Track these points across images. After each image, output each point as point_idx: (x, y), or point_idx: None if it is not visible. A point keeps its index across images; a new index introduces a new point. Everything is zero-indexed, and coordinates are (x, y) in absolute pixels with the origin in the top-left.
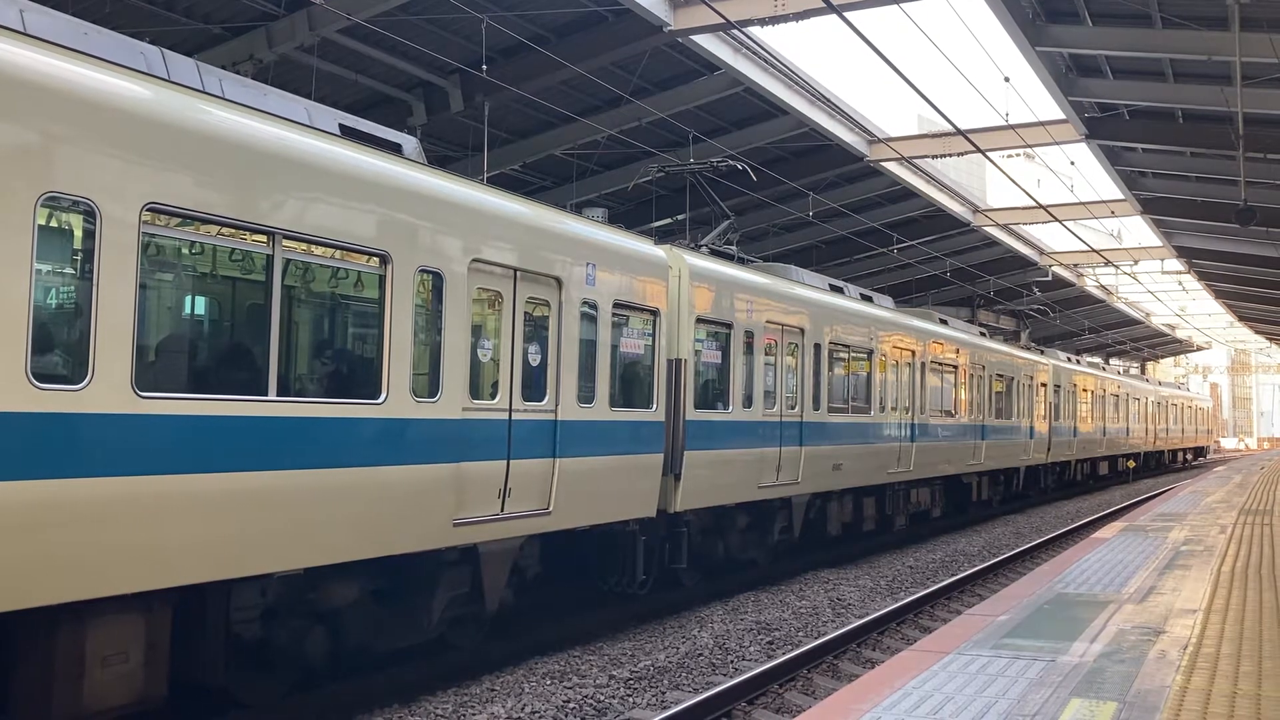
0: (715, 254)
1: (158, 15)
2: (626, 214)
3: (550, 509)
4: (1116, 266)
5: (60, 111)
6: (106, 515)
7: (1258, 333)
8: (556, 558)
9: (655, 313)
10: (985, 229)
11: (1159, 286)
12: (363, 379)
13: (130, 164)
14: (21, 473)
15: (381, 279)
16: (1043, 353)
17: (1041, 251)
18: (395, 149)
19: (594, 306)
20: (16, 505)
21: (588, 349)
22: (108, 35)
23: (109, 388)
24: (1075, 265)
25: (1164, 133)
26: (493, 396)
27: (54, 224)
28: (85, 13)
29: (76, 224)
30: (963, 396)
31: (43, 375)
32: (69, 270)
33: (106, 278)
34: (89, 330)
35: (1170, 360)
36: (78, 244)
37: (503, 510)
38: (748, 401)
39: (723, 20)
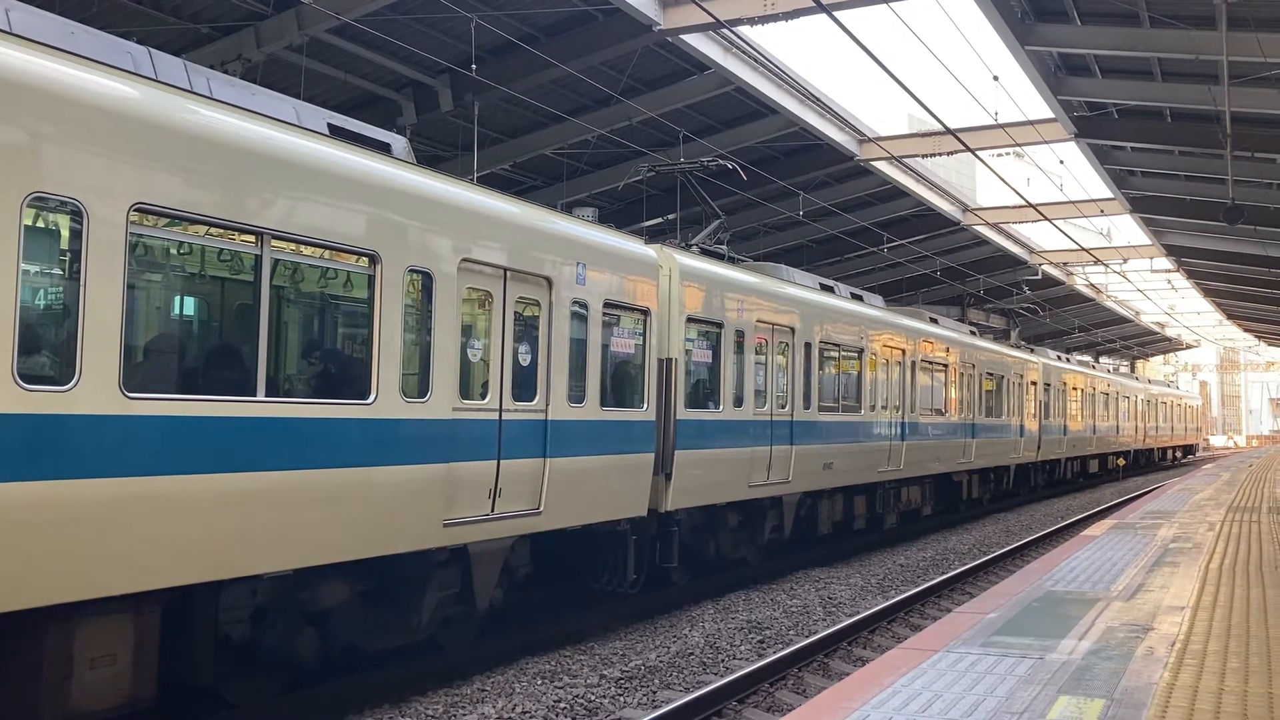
0: (706, 253)
1: (145, 14)
2: (617, 213)
3: (541, 509)
4: (1106, 265)
5: (47, 111)
6: (94, 517)
7: (1246, 331)
8: (547, 557)
9: (646, 312)
10: (975, 228)
11: (1148, 285)
12: (352, 379)
13: (117, 164)
14: (9, 474)
15: (371, 279)
16: (1033, 351)
17: (1031, 250)
18: (384, 148)
19: (584, 306)
20: (4, 507)
21: (578, 348)
22: (95, 34)
23: (96, 389)
24: (1065, 264)
25: (1152, 131)
26: (483, 396)
27: (41, 224)
28: (72, 12)
29: (63, 224)
30: (953, 395)
31: (30, 376)
32: (56, 271)
33: (94, 278)
34: (76, 331)
35: (1160, 358)
36: (65, 244)
37: (493, 510)
38: (738, 401)
39: (712, 19)
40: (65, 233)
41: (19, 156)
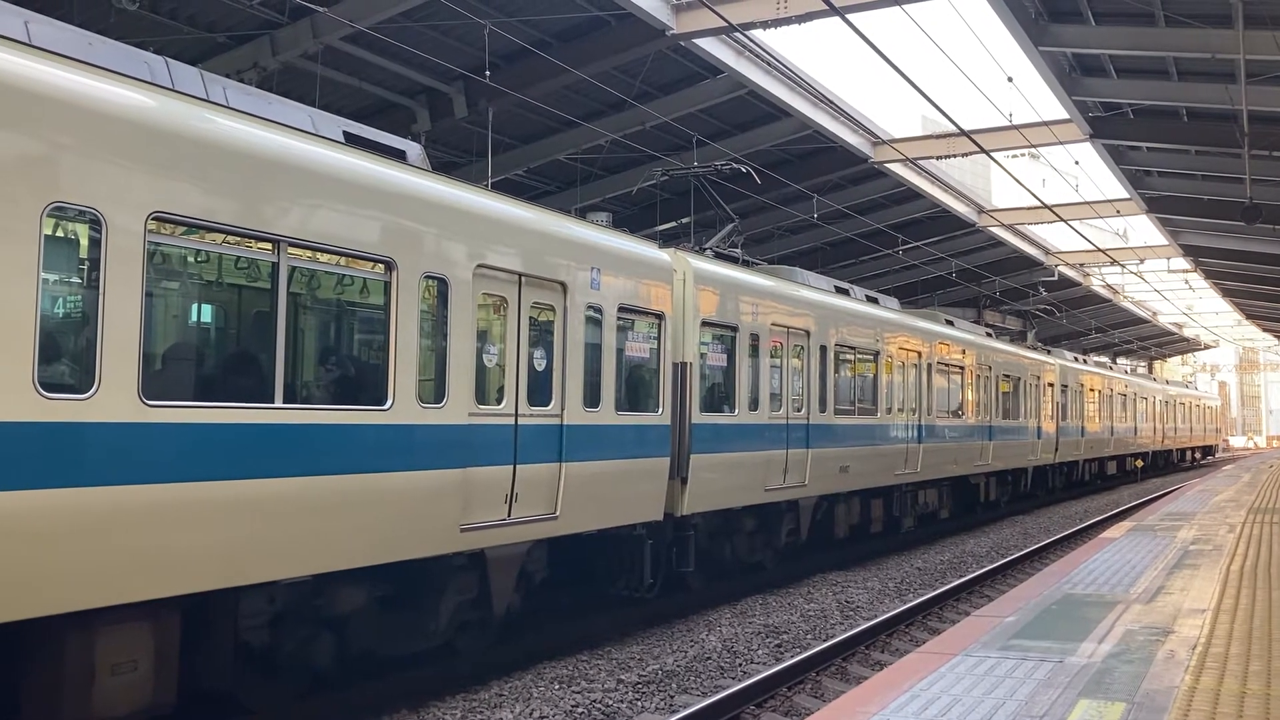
0: (720, 257)
1: (162, 25)
2: (631, 218)
3: (557, 513)
4: (1122, 266)
5: (66, 121)
6: (115, 524)
7: (1265, 330)
8: (564, 562)
9: (660, 316)
10: (990, 229)
11: (1165, 285)
12: (369, 385)
13: (135, 173)
14: (30, 482)
15: (387, 285)
16: (1049, 353)
17: (1047, 251)
18: (399, 155)
19: (599, 311)
20: (25, 514)
21: (593, 353)
22: (112, 45)
23: (116, 396)
24: (1081, 265)
25: (1169, 131)
26: (499, 401)
27: (60, 234)
28: (90, 23)
29: (82, 233)
30: (970, 397)
31: (50, 385)
32: (75, 280)
33: (113, 287)
34: (96, 339)
35: (1178, 359)
36: (84, 253)
37: (510, 515)
38: (754, 404)
39: (725, 23)
40: (84, 242)
41: (39, 167)
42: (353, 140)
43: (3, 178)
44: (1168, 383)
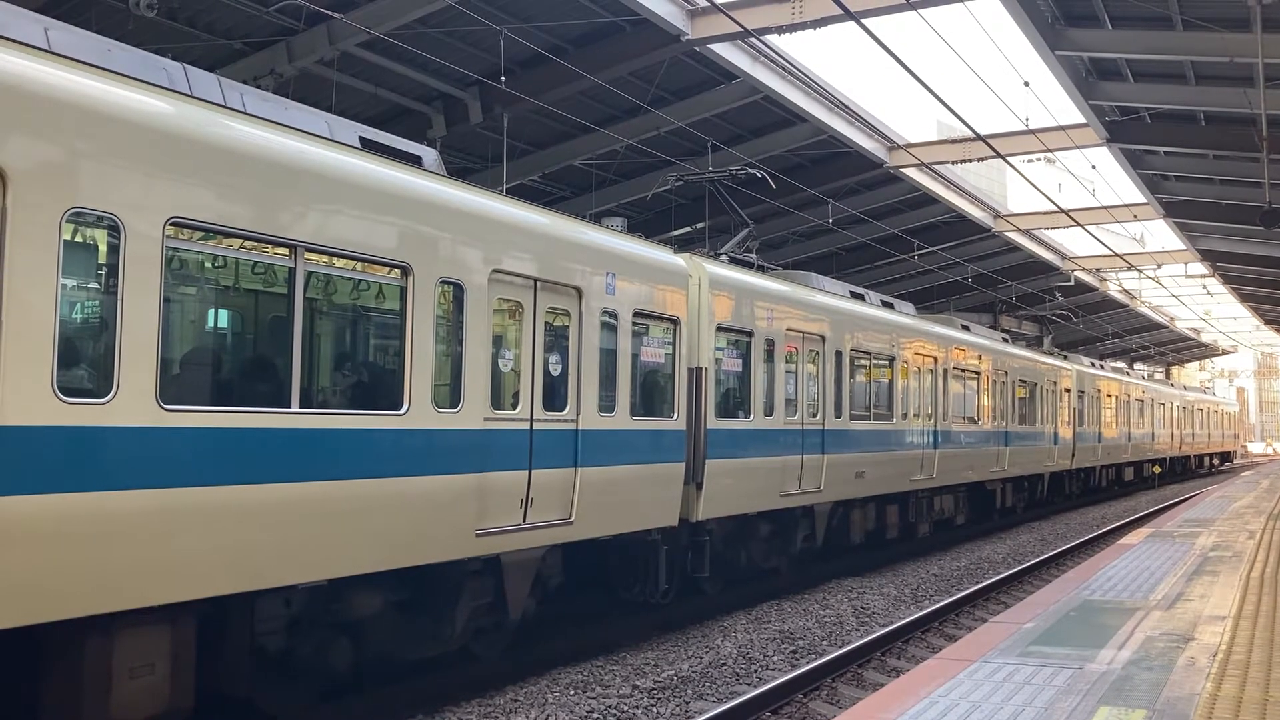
0: (735, 262)
1: (179, 31)
2: (646, 223)
3: (572, 519)
4: (1139, 271)
5: (84, 127)
6: (132, 528)
7: None
8: (579, 567)
9: (675, 321)
10: (1006, 234)
11: (1183, 290)
12: (385, 390)
13: (153, 179)
14: (48, 486)
15: (403, 290)
16: (1066, 358)
17: (1063, 256)
18: (415, 161)
19: (614, 316)
20: (43, 518)
21: (608, 358)
22: (130, 52)
23: (134, 401)
24: (1098, 270)
25: (1186, 135)
26: (514, 406)
27: (79, 239)
28: (108, 30)
29: (101, 239)
30: (986, 403)
31: (69, 389)
32: (94, 285)
33: (131, 292)
34: (114, 344)
35: (1195, 364)
36: (102, 259)
37: (525, 520)
38: (769, 409)
39: (740, 29)
40: (103, 247)
41: (58, 172)
42: (369, 146)
43: (22, 183)
44: (1185, 388)
